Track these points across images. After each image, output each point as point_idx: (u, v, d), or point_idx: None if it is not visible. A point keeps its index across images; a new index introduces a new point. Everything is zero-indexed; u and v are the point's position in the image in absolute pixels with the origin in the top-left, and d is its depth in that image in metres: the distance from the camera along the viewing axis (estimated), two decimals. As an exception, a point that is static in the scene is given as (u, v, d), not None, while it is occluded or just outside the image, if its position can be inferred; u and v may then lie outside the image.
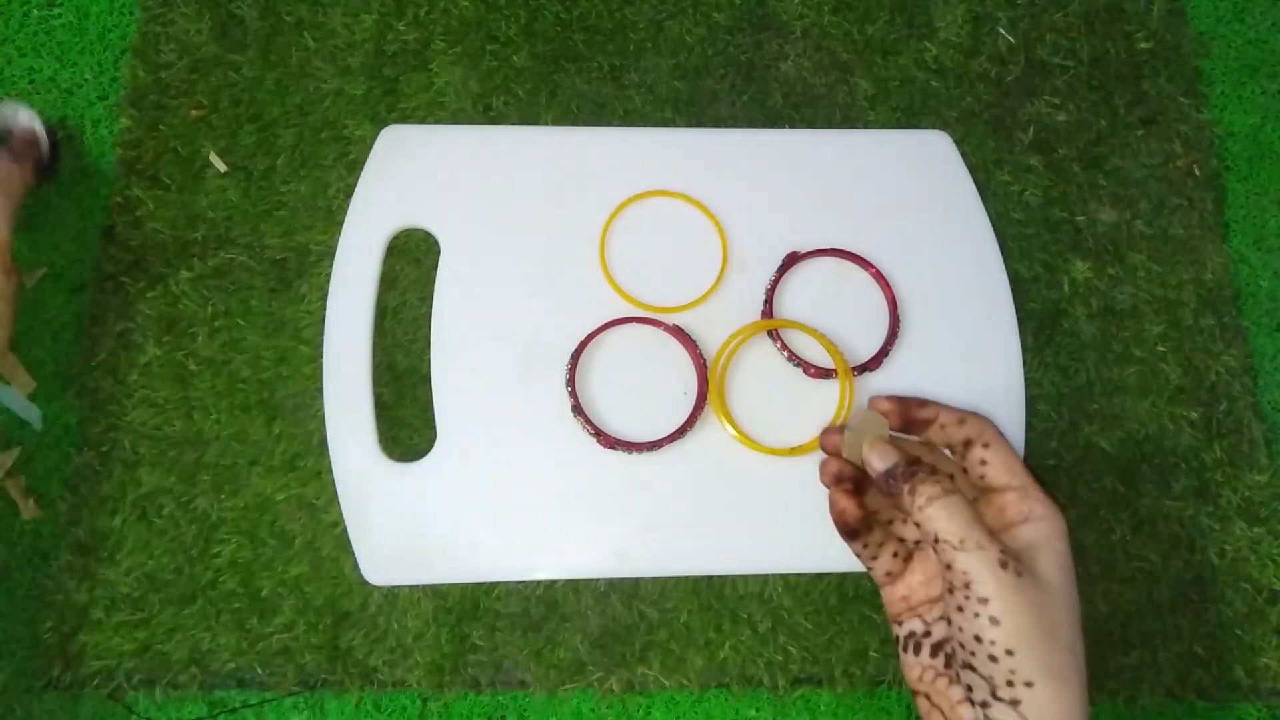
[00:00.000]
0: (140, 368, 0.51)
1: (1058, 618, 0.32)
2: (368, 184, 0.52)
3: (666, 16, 0.58)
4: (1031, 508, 0.35)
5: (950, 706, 0.34)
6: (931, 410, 0.37)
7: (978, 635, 0.32)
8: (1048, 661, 0.32)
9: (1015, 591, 0.32)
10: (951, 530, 0.33)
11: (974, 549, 0.32)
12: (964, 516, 0.33)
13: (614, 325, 0.50)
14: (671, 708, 0.49)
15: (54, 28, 0.57)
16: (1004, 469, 0.35)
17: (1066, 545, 0.34)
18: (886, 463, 0.36)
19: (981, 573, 0.32)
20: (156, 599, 0.48)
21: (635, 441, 0.48)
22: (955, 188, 0.54)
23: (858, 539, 0.38)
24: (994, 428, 0.36)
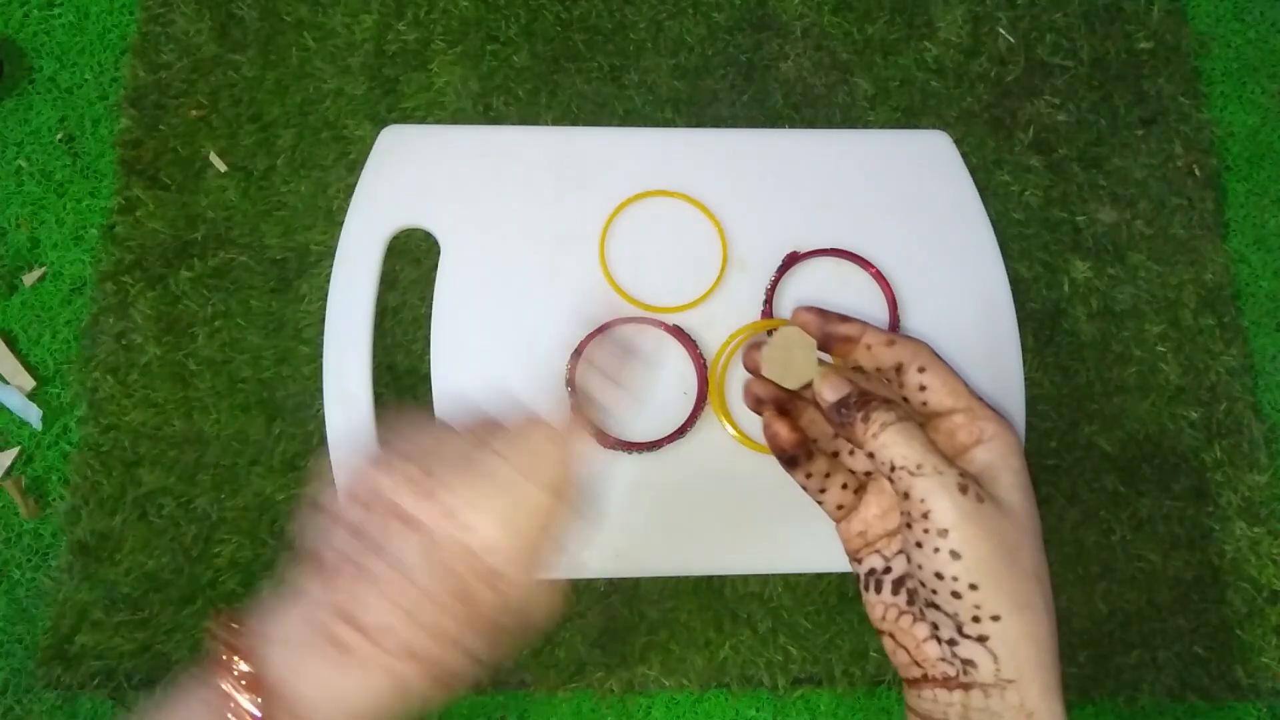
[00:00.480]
0: (140, 367, 0.51)
1: (1020, 542, 0.31)
2: (368, 184, 0.52)
3: (666, 16, 0.58)
4: (982, 428, 0.32)
5: (915, 645, 0.33)
6: (855, 327, 0.35)
7: (939, 572, 0.31)
8: (1013, 592, 0.30)
9: (975, 520, 0.30)
10: (909, 455, 0.31)
11: (932, 473, 0.31)
12: (920, 441, 0.31)
13: (614, 325, 0.50)
14: (671, 708, 0.49)
15: (54, 27, 0.57)
16: (946, 391, 0.33)
17: (1023, 462, 0.32)
18: (839, 393, 0.34)
19: (940, 500, 0.30)
20: (156, 599, 0.48)
21: (635, 441, 0.48)
22: (955, 188, 0.54)
23: (798, 467, 0.36)
24: (929, 350, 0.34)
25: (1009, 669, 0.30)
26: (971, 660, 0.31)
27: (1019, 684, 0.30)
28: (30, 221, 0.54)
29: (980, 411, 0.33)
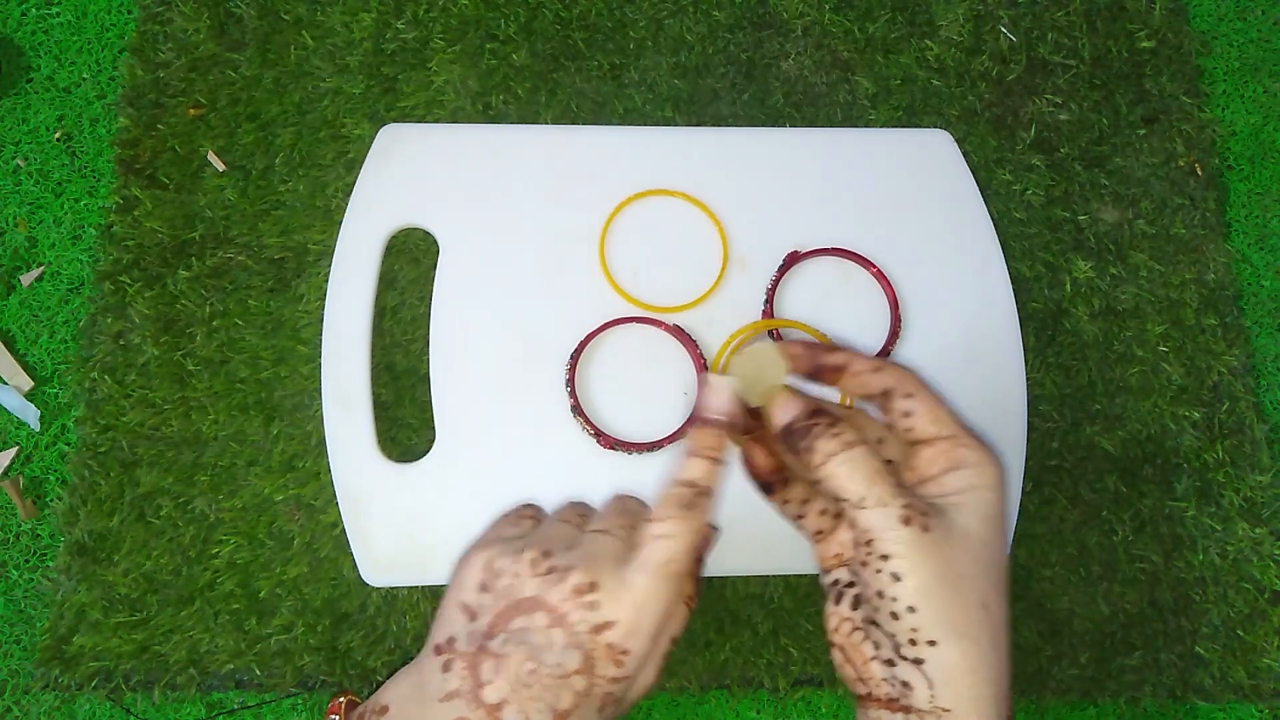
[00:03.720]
0: (138, 368, 0.51)
1: (971, 572, 0.31)
2: (366, 183, 0.52)
3: (667, 15, 0.57)
4: (962, 455, 0.32)
5: (862, 662, 0.33)
6: (841, 356, 0.34)
7: (880, 591, 0.31)
8: (953, 620, 0.30)
9: (919, 547, 0.30)
10: (850, 489, 0.31)
11: (875, 506, 0.31)
12: (864, 472, 0.31)
13: (614, 325, 0.50)
14: (672, 709, 0.49)
15: (52, 26, 0.56)
16: (930, 418, 0.33)
17: (997, 495, 0.32)
18: (786, 415, 0.33)
19: (883, 530, 0.30)
20: (155, 600, 0.48)
21: (635, 442, 0.48)
22: (956, 187, 0.54)
23: (773, 494, 0.36)
24: (916, 376, 0.34)
25: (944, 697, 0.30)
26: (908, 683, 0.31)
27: (955, 714, 0.30)
28: (28, 221, 0.54)
29: (964, 440, 0.33)
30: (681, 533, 0.32)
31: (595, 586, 0.31)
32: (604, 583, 0.31)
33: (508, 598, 0.32)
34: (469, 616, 0.32)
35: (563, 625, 0.31)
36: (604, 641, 0.31)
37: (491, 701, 0.30)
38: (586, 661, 0.31)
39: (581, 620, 0.31)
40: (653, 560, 0.32)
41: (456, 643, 0.32)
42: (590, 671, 0.31)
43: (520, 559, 0.32)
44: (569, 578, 0.31)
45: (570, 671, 0.31)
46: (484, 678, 0.31)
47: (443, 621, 0.33)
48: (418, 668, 0.33)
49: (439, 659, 0.32)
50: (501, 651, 0.31)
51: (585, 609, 0.31)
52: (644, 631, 0.31)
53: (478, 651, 0.31)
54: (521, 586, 0.32)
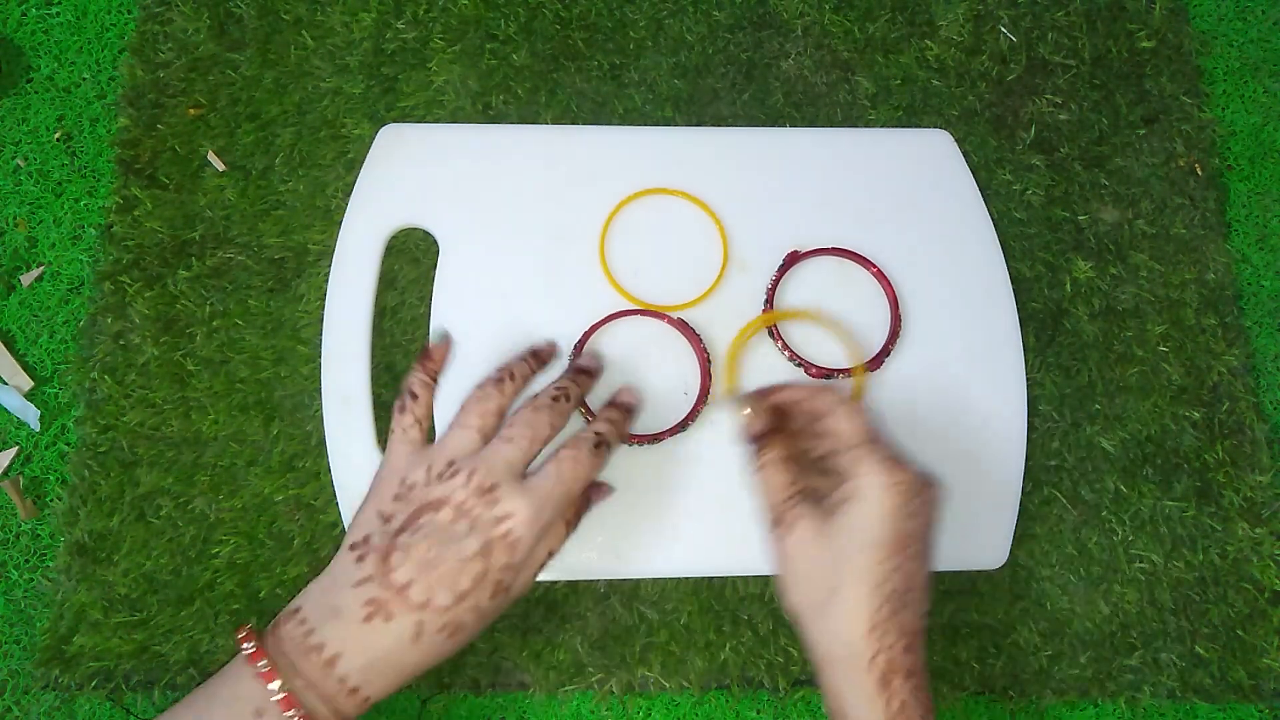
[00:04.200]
0: (138, 368, 0.51)
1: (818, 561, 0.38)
2: (366, 183, 0.52)
3: (667, 15, 0.57)
4: (851, 468, 0.38)
5: None
6: (781, 394, 0.43)
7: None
8: (803, 601, 0.39)
9: (775, 544, 0.40)
10: (759, 497, 0.41)
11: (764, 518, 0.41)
12: (765, 490, 0.41)
13: (619, 317, 0.50)
14: (672, 709, 0.49)
15: (52, 26, 0.56)
16: (838, 436, 0.39)
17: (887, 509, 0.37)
18: (745, 435, 0.43)
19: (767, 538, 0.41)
20: (155, 600, 0.48)
21: (635, 434, 0.48)
22: (957, 187, 0.54)
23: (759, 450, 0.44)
24: (836, 396, 0.41)
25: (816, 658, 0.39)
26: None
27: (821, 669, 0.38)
28: (28, 221, 0.54)
29: (862, 455, 0.38)
30: (586, 463, 0.40)
31: (496, 487, 0.37)
32: (503, 483, 0.37)
33: (419, 501, 0.38)
34: (383, 520, 0.38)
35: (467, 517, 0.37)
36: (501, 530, 0.37)
37: (400, 583, 0.36)
38: (485, 548, 0.37)
39: (483, 513, 0.37)
40: (557, 472, 0.39)
41: (371, 539, 0.37)
42: (488, 557, 0.37)
43: (430, 471, 0.38)
44: (473, 480, 0.37)
45: (470, 555, 0.36)
46: (394, 564, 0.36)
47: (359, 525, 0.38)
48: (329, 570, 0.38)
49: (353, 554, 0.37)
50: (410, 542, 0.36)
51: (487, 504, 0.37)
52: (536, 526, 0.37)
53: (389, 545, 0.37)
54: (430, 492, 0.38)
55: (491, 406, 0.41)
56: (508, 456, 0.38)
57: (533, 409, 0.40)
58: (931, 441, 0.50)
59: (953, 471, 0.50)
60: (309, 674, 0.35)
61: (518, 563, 0.37)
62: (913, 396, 0.51)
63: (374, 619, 0.35)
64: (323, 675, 0.35)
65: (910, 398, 0.51)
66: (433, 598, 0.36)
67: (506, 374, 0.42)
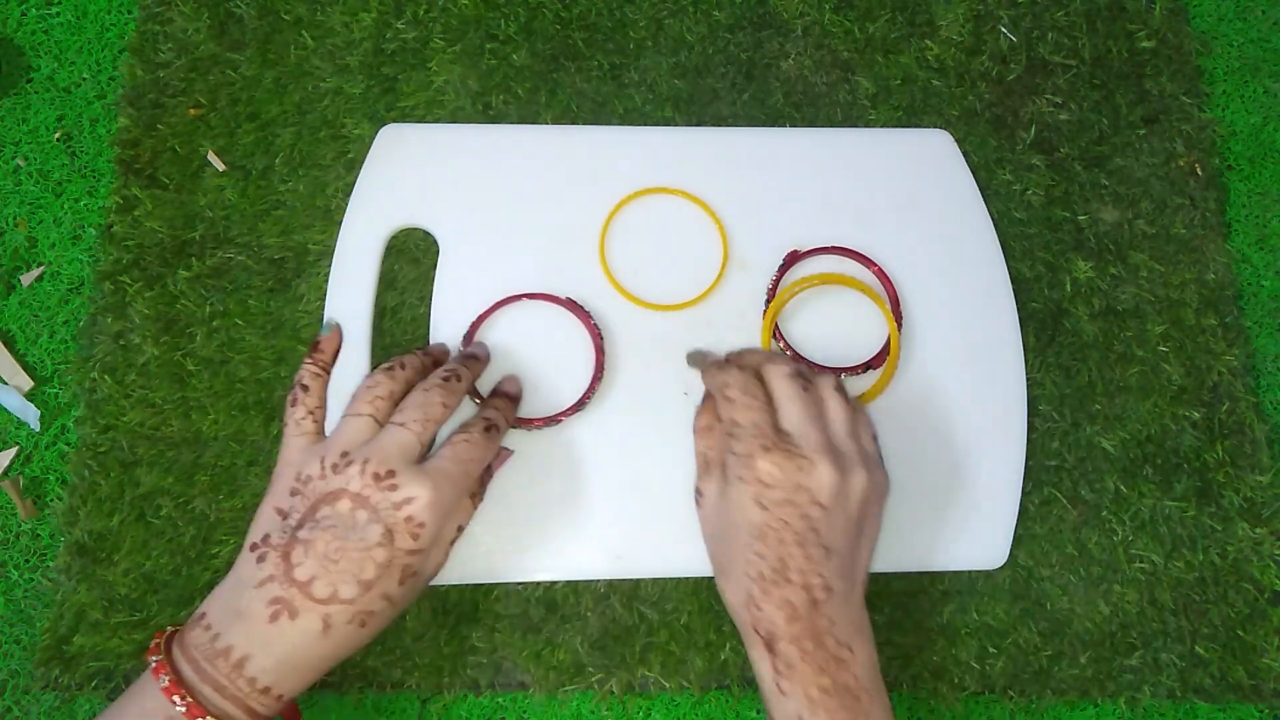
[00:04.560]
0: (138, 368, 0.51)
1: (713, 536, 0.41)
2: (366, 183, 0.52)
3: (667, 15, 0.57)
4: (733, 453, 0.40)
5: None
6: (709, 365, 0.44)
7: None
8: (717, 560, 0.41)
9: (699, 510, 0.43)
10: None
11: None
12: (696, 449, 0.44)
13: (505, 304, 0.50)
14: (672, 709, 0.49)
15: (52, 26, 0.56)
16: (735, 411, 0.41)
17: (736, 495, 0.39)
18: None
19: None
20: (155, 600, 0.48)
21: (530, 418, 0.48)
22: (956, 187, 0.54)
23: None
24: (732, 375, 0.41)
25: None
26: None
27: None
28: (28, 221, 0.54)
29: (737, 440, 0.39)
30: (480, 444, 0.40)
31: (393, 472, 0.37)
32: (400, 469, 0.37)
33: (316, 495, 0.37)
34: (281, 516, 0.38)
35: (365, 506, 0.36)
36: (403, 515, 0.36)
37: (302, 579, 0.35)
38: (387, 534, 0.36)
39: (383, 499, 0.37)
40: (453, 453, 0.39)
41: (270, 538, 0.37)
42: (390, 543, 0.36)
43: (324, 462, 0.38)
44: (368, 468, 0.37)
45: (373, 544, 0.36)
46: (295, 560, 0.36)
47: (258, 524, 0.38)
48: (233, 571, 0.38)
49: (254, 554, 0.37)
50: (310, 537, 0.36)
51: (385, 491, 0.37)
52: (440, 508, 0.37)
53: (289, 541, 0.36)
54: (327, 484, 0.37)
55: (382, 392, 0.41)
56: (401, 441, 0.38)
57: (423, 390, 0.41)
58: (931, 441, 0.50)
59: (953, 471, 0.50)
60: (217, 678, 0.35)
61: (424, 546, 0.37)
62: (913, 397, 0.51)
63: (280, 618, 0.35)
64: (232, 678, 0.35)
65: (910, 398, 0.51)
66: (338, 590, 0.36)
67: (397, 363, 0.42)
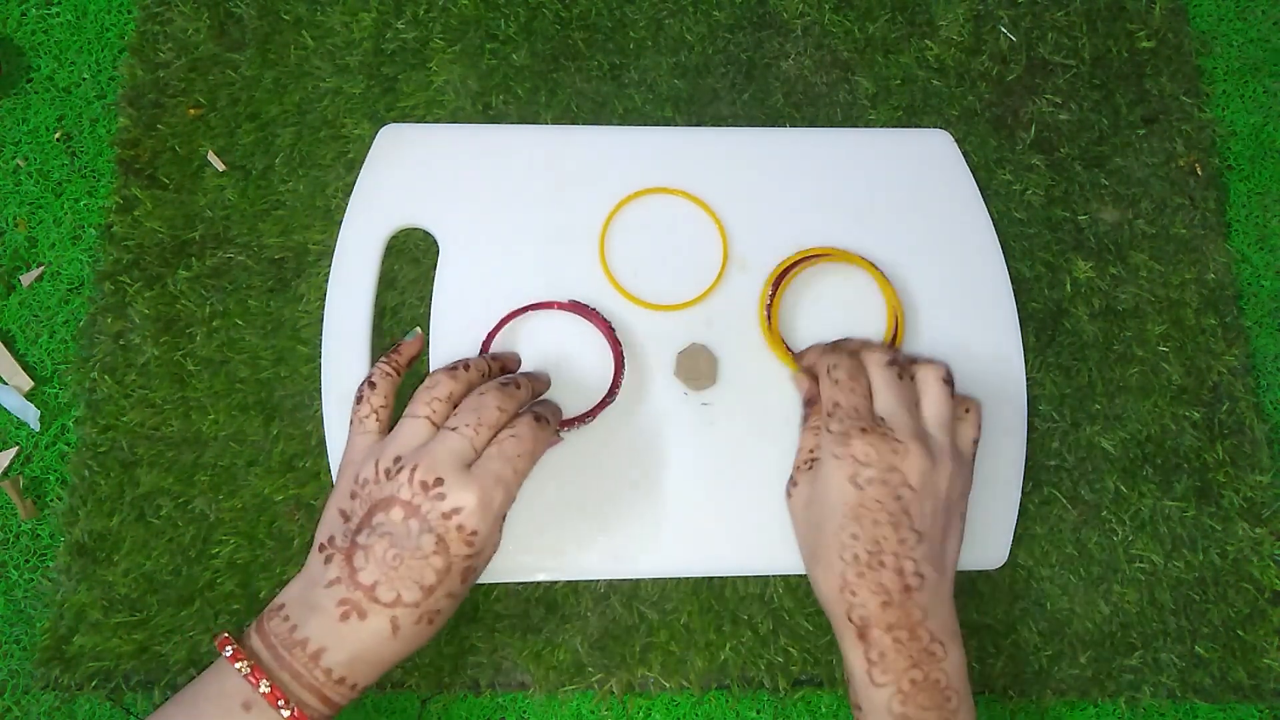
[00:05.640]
0: (138, 368, 0.51)
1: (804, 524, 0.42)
2: (366, 183, 0.52)
3: (667, 15, 0.57)
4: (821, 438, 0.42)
5: None
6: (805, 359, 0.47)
7: None
8: (802, 557, 0.43)
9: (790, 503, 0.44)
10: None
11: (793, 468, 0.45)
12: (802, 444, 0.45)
13: (516, 315, 0.50)
14: (672, 709, 0.49)
15: (52, 26, 0.56)
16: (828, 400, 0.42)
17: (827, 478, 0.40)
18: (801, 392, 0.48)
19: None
20: (154, 600, 0.48)
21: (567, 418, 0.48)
22: (956, 187, 0.54)
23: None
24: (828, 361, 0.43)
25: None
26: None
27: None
28: (28, 221, 0.54)
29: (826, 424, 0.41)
30: (528, 437, 0.39)
31: (441, 480, 0.37)
32: (449, 477, 0.37)
33: (371, 500, 0.38)
34: (344, 519, 0.38)
35: (416, 515, 0.37)
36: (454, 525, 0.37)
37: (366, 584, 0.36)
38: (440, 543, 0.37)
39: (432, 509, 0.37)
40: (500, 453, 0.38)
41: (335, 540, 0.38)
42: (445, 551, 0.37)
43: (379, 466, 0.38)
44: (416, 475, 0.37)
45: (429, 552, 0.36)
46: (357, 565, 0.36)
47: (324, 524, 0.39)
48: (306, 566, 0.39)
49: (321, 555, 0.38)
50: (368, 543, 0.37)
51: (434, 500, 0.37)
52: (490, 512, 0.37)
53: (351, 546, 0.37)
54: (380, 490, 0.38)
55: (441, 394, 0.40)
56: (453, 447, 0.38)
57: (479, 394, 0.40)
58: (931, 441, 0.50)
59: (953, 471, 0.50)
60: (295, 667, 0.36)
61: (477, 549, 0.37)
62: (913, 396, 0.51)
63: (350, 618, 0.36)
64: (309, 667, 0.36)
65: (910, 398, 0.50)
66: (401, 595, 0.36)
67: (461, 364, 0.41)
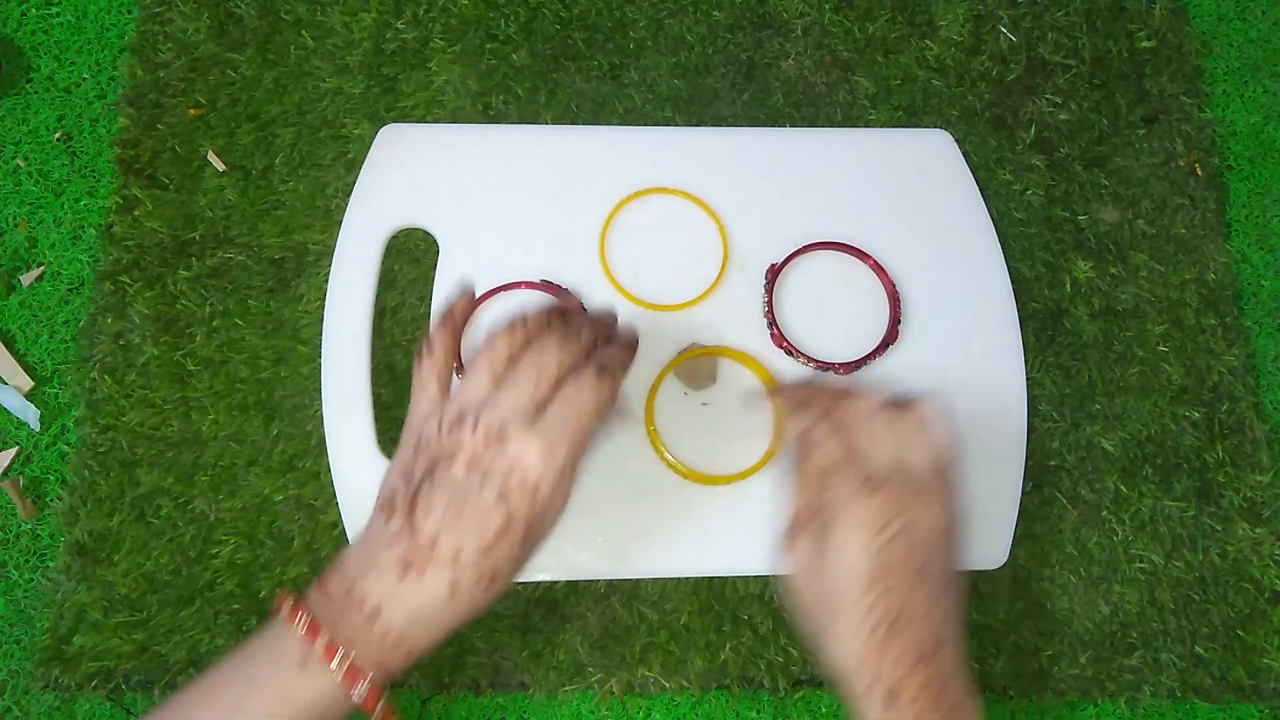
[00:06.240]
0: (138, 368, 0.51)
1: (812, 588, 0.38)
2: (366, 183, 0.52)
3: (667, 15, 0.57)
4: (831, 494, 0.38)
5: None
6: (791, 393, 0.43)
7: None
8: (808, 623, 0.39)
9: (786, 560, 0.40)
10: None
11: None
12: (793, 506, 0.40)
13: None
14: (672, 709, 0.49)
15: (52, 26, 0.56)
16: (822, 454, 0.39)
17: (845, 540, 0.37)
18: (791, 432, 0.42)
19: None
20: (154, 600, 0.48)
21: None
22: (957, 187, 0.54)
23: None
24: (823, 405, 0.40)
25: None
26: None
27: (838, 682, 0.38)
28: (28, 221, 0.54)
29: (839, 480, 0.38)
30: (590, 390, 0.38)
31: (505, 435, 0.36)
32: (512, 431, 0.36)
33: (433, 456, 0.37)
34: (405, 478, 0.38)
35: (479, 468, 0.36)
36: (516, 479, 0.36)
37: (428, 540, 0.35)
38: (502, 497, 0.36)
39: (495, 462, 0.36)
40: (562, 406, 0.37)
41: (396, 499, 0.37)
42: (507, 505, 0.36)
43: (442, 422, 0.38)
44: (479, 428, 0.36)
45: (490, 507, 0.36)
46: (419, 521, 0.36)
47: (387, 482, 0.38)
48: (366, 527, 0.38)
49: (382, 514, 0.37)
50: (429, 498, 0.36)
51: (497, 453, 0.36)
52: (553, 466, 0.36)
53: (412, 502, 0.36)
54: (442, 445, 0.37)
55: (501, 353, 0.39)
56: (514, 401, 0.37)
57: (538, 349, 0.38)
58: (931, 441, 0.50)
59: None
60: (351, 628, 0.35)
61: (540, 506, 0.36)
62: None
63: (408, 576, 0.35)
64: (365, 628, 0.35)
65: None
66: (461, 552, 0.35)
67: (519, 320, 0.40)
